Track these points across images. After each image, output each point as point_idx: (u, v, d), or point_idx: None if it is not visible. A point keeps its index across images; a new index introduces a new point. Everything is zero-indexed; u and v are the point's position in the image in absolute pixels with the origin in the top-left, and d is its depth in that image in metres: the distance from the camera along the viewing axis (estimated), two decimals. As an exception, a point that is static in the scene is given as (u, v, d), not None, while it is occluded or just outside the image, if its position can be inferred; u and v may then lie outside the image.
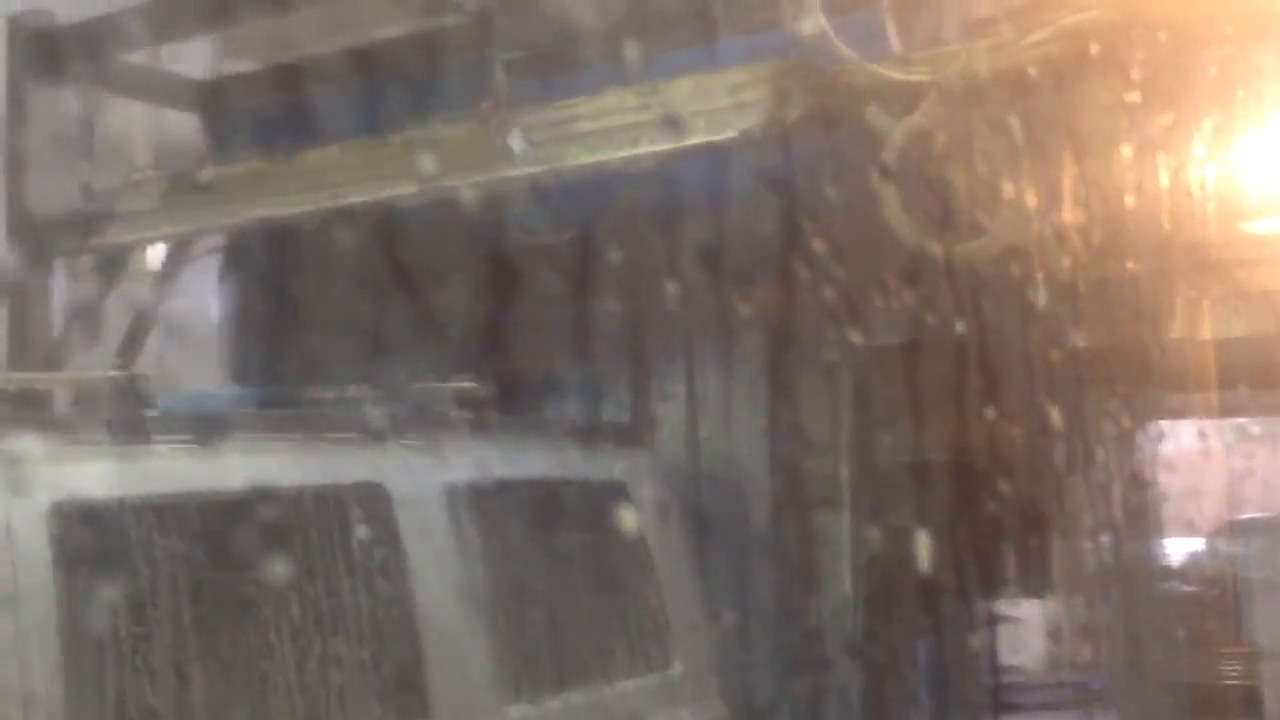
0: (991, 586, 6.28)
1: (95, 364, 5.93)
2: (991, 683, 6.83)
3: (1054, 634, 8.93)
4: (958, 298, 5.12)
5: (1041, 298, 4.93)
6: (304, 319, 6.01)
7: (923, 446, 5.45)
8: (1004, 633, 7.14)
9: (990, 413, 5.22)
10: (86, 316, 6.36)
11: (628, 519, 4.55)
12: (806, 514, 5.51)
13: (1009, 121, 4.62)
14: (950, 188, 4.85)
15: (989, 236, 4.74)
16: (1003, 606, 6.99)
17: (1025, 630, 8.44)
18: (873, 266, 5.17)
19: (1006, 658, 7.42)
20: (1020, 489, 5.44)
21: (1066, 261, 4.82)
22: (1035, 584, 6.69)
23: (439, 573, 3.91)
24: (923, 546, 5.41)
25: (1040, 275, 4.88)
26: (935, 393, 5.36)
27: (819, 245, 5.21)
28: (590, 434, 4.76)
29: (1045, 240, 4.80)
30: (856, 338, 5.31)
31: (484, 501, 4.14)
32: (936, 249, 4.81)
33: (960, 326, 5.09)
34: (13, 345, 6.19)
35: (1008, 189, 4.68)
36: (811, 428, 5.48)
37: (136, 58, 6.90)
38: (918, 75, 4.64)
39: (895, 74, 4.66)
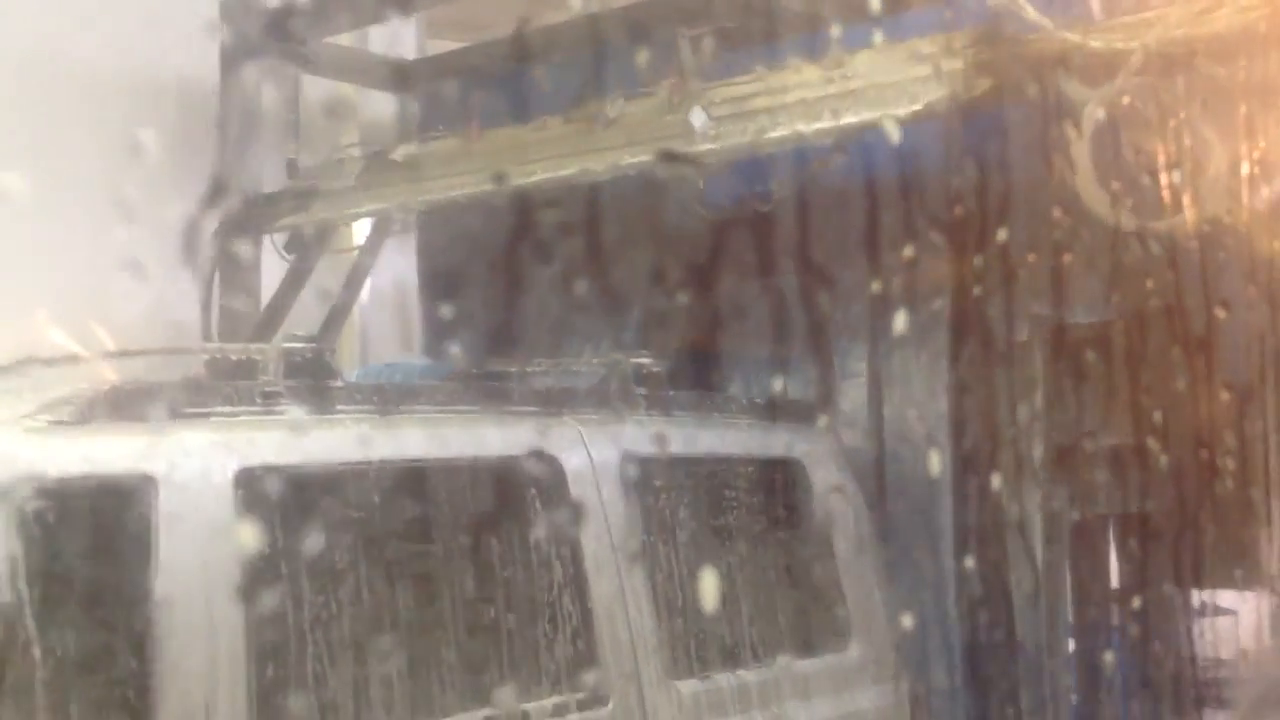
0: (1199, 576, 6.01)
1: (297, 337, 6.14)
2: (1196, 676, 6.55)
3: (1271, 628, 8.50)
4: (1156, 274, 4.90)
5: (1247, 274, 4.69)
6: (493, 294, 6.13)
7: (1120, 428, 5.25)
8: (1212, 625, 6.84)
9: (1194, 394, 4.99)
10: (291, 290, 6.61)
11: (804, 497, 4.52)
12: (993, 497, 5.37)
13: (1215, 90, 4.40)
14: (1150, 160, 4.65)
15: (1191, 210, 4.53)
16: (1212, 598, 6.69)
17: (1238, 624, 8.06)
18: (1065, 243, 5.00)
19: (1213, 650, 7.12)
20: (1232, 475, 5.18)
21: (1274, 238, 4.57)
22: (1251, 576, 6.38)
23: (611, 547, 3.95)
24: (1118, 533, 5.22)
25: (1246, 251, 4.64)
26: (1132, 373, 5.15)
27: (1008, 221, 5.06)
28: (768, 411, 4.72)
29: (1252, 214, 4.56)
30: (1048, 317, 5.15)
31: (659, 476, 4.16)
32: (1134, 224, 4.62)
33: (1160, 305, 4.88)
34: (224, 317, 6.47)
35: (1212, 161, 4.46)
36: (999, 409, 5.33)
37: (344, 39, 7.13)
38: (1116, 42, 4.44)
39: (1092, 41, 4.48)
